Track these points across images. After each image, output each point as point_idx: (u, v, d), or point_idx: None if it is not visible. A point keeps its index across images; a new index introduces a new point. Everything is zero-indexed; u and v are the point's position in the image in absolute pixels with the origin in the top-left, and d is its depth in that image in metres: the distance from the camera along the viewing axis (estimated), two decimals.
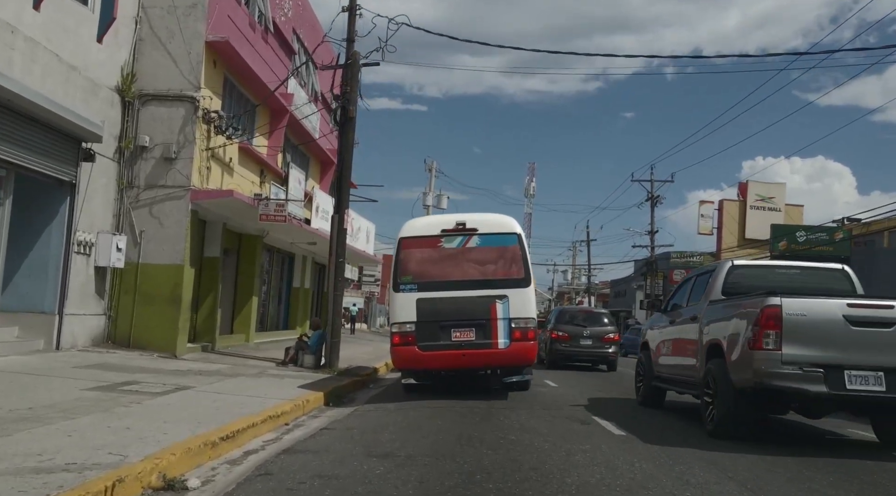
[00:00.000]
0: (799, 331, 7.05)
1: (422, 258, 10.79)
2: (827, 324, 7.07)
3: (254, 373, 12.67)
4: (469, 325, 10.51)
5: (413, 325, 10.53)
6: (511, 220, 11.11)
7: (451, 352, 10.47)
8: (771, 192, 48.08)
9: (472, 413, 9.00)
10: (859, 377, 6.99)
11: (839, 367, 6.98)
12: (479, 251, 10.80)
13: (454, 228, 10.84)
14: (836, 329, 7.05)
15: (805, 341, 7.05)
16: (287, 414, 8.58)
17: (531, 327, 10.59)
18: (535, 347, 10.73)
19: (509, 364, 10.83)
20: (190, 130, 14.81)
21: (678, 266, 51.48)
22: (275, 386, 11.01)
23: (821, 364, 6.99)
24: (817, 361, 7.00)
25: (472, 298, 10.57)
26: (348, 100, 14.88)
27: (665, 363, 10.25)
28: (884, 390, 6.92)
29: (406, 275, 10.74)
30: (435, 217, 11.26)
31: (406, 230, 10.99)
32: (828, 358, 7.00)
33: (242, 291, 19.55)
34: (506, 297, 10.55)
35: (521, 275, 10.69)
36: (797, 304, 7.15)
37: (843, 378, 6.97)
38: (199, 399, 8.78)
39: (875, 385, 6.94)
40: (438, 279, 10.68)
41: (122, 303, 14.68)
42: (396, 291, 10.73)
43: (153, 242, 14.79)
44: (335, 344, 14.60)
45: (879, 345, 7.02)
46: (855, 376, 6.98)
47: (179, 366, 12.77)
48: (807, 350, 7.03)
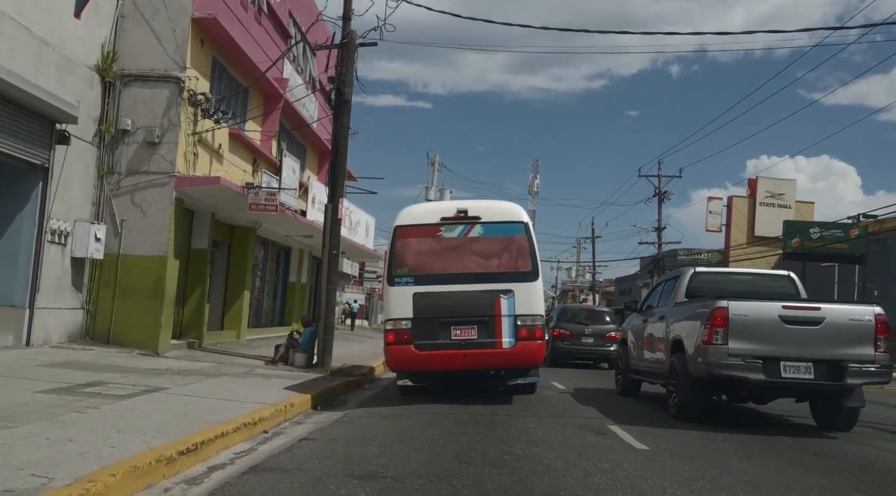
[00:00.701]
0: (742, 328, 8.25)
1: (419, 248, 9.86)
2: (765, 322, 8.26)
3: (239, 373, 11.76)
4: (471, 323, 9.58)
5: (409, 322, 9.61)
6: (517, 208, 10.16)
7: (450, 352, 9.54)
8: (781, 188, 47.01)
9: (473, 421, 8.06)
10: (792, 367, 8.23)
11: (776, 359, 8.20)
12: (482, 241, 9.86)
13: (455, 216, 9.90)
14: (773, 327, 8.24)
15: (747, 337, 8.24)
16: (266, 420, 7.66)
17: (539, 325, 9.65)
18: (543, 347, 9.80)
19: (515, 365, 9.90)
20: (174, 113, 13.89)
21: (685, 264, 50.52)
22: (259, 387, 10.10)
23: (760, 356, 8.19)
24: (757, 354, 8.20)
25: (474, 293, 9.64)
26: (343, 81, 13.96)
27: (639, 357, 11.40)
28: (812, 378, 8.21)
29: (402, 268, 9.80)
30: (434, 204, 10.35)
31: (402, 218, 10.06)
32: (766, 351, 8.21)
33: (234, 286, 18.64)
34: (511, 292, 9.62)
35: (529, 268, 9.75)
36: (741, 306, 8.34)
37: (779, 368, 8.21)
38: (168, 403, 7.86)
39: (806, 374, 8.22)
40: (437, 272, 9.75)
41: (102, 297, 13.77)
42: (391, 285, 9.80)
43: (135, 232, 13.88)
44: (328, 341, 13.68)
45: (809, 340, 8.24)
46: (789, 366, 8.23)
47: (158, 364, 11.86)
48: (749, 344, 8.23)
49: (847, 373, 8.15)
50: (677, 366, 9.13)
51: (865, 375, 8.22)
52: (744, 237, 46.70)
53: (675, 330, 9.58)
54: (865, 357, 8.21)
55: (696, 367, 8.65)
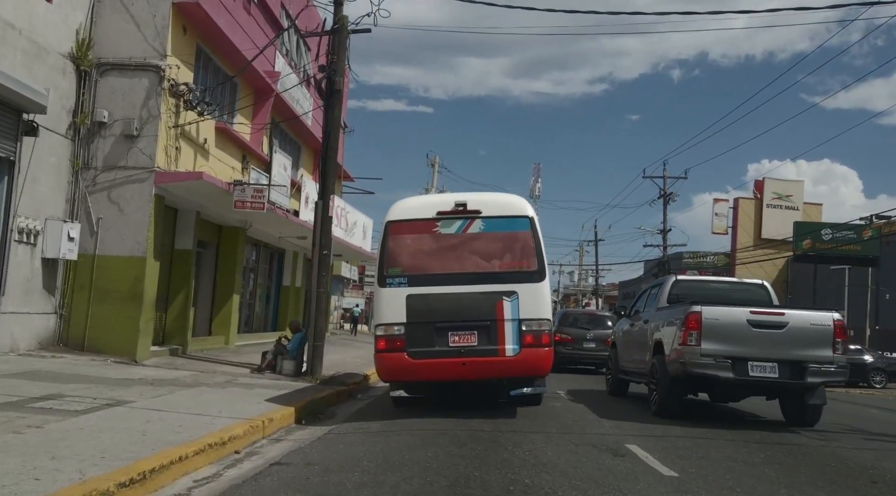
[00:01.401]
0: (714, 331, 9.01)
1: (413, 246, 8.96)
2: (734, 326, 9.03)
3: (219, 383, 10.85)
4: (470, 328, 8.67)
5: (402, 327, 8.69)
6: (521, 201, 9.25)
7: (447, 361, 8.62)
8: (788, 189, 46.06)
9: (473, 439, 7.14)
10: (759, 366, 8.98)
11: (744, 359, 8.96)
12: (483, 238, 8.95)
13: (453, 210, 8.98)
14: (742, 330, 9.01)
15: (718, 339, 9.00)
16: (238, 440, 6.75)
17: (546, 330, 8.73)
18: (551, 355, 8.87)
19: (519, 375, 8.97)
20: (154, 104, 13.00)
21: (691, 267, 49.57)
22: (238, 399, 9.19)
23: (729, 356, 8.97)
24: (727, 354, 8.97)
25: (474, 295, 8.73)
26: (335, 70, 13.08)
27: (627, 359, 12.05)
28: (777, 377, 8.98)
29: (394, 267, 8.89)
30: (430, 197, 9.44)
31: (394, 212, 9.15)
32: (735, 351, 8.97)
33: (222, 289, 17.72)
34: (515, 294, 8.70)
35: (534, 268, 8.83)
36: (713, 311, 9.12)
37: (747, 367, 8.97)
38: (127, 420, 6.94)
39: (771, 373, 8.98)
40: (433, 271, 8.84)
41: (76, 301, 12.86)
42: (382, 286, 8.89)
43: (112, 231, 12.98)
44: (318, 348, 12.77)
45: (774, 342, 8.98)
46: (756, 366, 8.98)
47: (132, 373, 10.95)
48: (719, 345, 9.00)
49: (808, 372, 8.95)
50: (657, 366, 9.86)
51: (824, 374, 9.04)
52: (750, 239, 45.78)
53: (657, 333, 10.25)
54: (824, 358, 9.00)
55: (673, 367, 9.39)
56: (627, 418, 9.47)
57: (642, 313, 11.63)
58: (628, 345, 12.01)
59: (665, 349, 9.68)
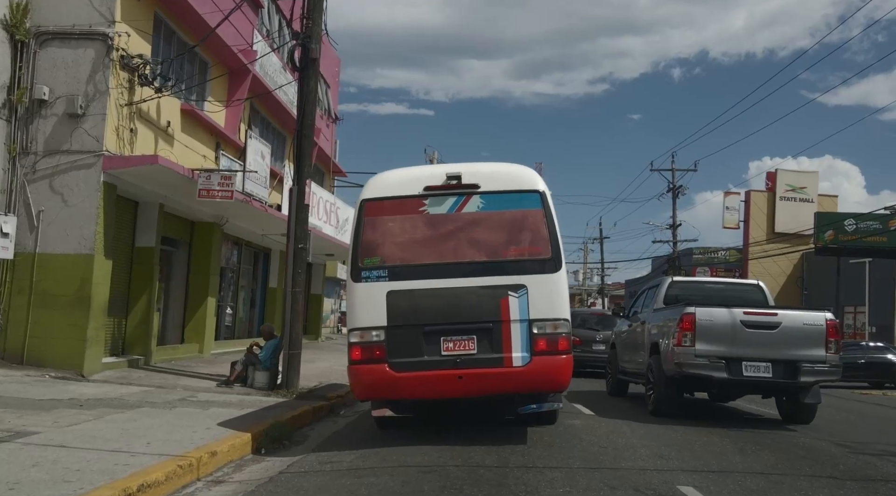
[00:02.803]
0: (708, 332, 9.08)
1: (395, 230, 7.19)
2: (728, 327, 9.09)
3: (171, 401, 9.10)
4: (468, 332, 6.92)
5: (382, 333, 6.93)
6: (529, 172, 7.45)
7: (440, 374, 6.87)
8: (802, 181, 44.11)
9: (472, 479, 5.38)
10: (753, 366, 9.02)
11: (738, 359, 9.02)
12: (483, 219, 7.18)
13: (444, 185, 7.20)
14: (736, 330, 9.08)
15: (712, 340, 9.08)
16: (152, 489, 4.99)
17: (563, 333, 6.96)
18: (570, 364, 7.09)
19: (530, 389, 7.21)
20: (101, 78, 11.27)
21: (701, 263, 47.76)
22: (184, 423, 7.45)
23: (724, 357, 9.04)
24: (721, 355, 9.05)
25: (472, 290, 6.98)
26: (310, 36, 11.32)
27: (625, 359, 12.07)
28: (770, 376, 9.03)
29: (371, 256, 7.12)
30: (415, 169, 7.65)
31: (371, 188, 7.39)
32: (729, 352, 9.04)
33: (195, 292, 15.96)
34: (523, 288, 6.95)
35: (548, 255, 7.07)
36: (707, 312, 9.20)
37: (741, 367, 9.02)
38: (10, 461, 5.19)
39: (765, 372, 9.03)
40: (420, 261, 7.09)
41: (14, 306, 11.14)
42: (356, 281, 7.11)
43: (55, 225, 11.25)
44: (294, 357, 11.02)
45: (767, 342, 9.04)
46: (749, 366, 9.02)
47: (67, 392, 9.20)
48: (713, 346, 9.08)
49: (801, 371, 8.99)
50: (654, 366, 9.93)
51: (817, 374, 9.07)
52: (763, 233, 43.88)
53: (653, 333, 10.34)
54: (817, 357, 9.04)
55: (668, 367, 9.48)
56: (668, 440, 7.68)
57: (640, 314, 11.66)
58: (627, 346, 12.06)
59: (661, 350, 9.77)
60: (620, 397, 12.41)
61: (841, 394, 16.17)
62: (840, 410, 12.68)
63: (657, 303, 11.05)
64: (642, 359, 10.75)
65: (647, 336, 10.69)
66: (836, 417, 11.36)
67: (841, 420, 11.15)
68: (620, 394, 12.58)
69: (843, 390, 17.55)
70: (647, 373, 10.36)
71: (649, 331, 10.62)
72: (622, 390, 12.65)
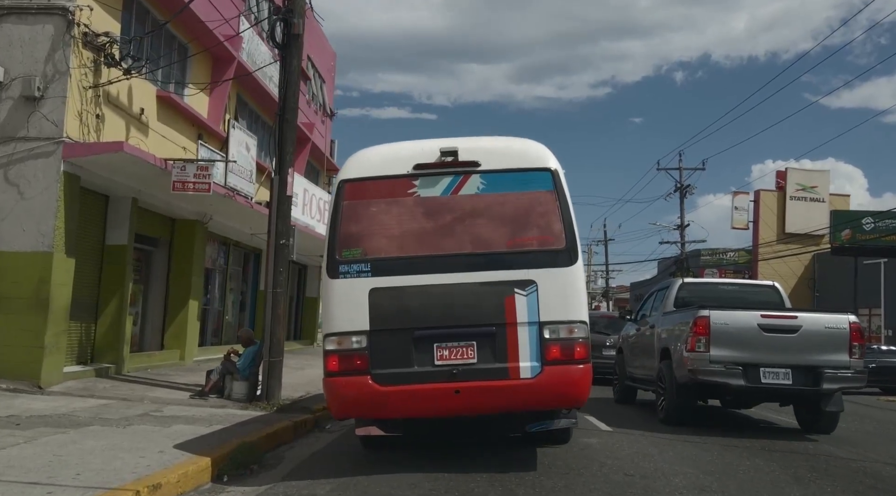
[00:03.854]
0: (723, 336, 8.73)
1: (379, 216, 6.08)
2: (745, 331, 8.73)
3: (129, 417, 7.99)
4: (466, 337, 5.81)
5: (363, 338, 5.82)
6: (539, 148, 6.31)
7: (433, 388, 5.75)
8: (813, 180, 42.92)
9: None
10: (772, 373, 8.65)
11: (756, 365, 8.64)
12: (484, 202, 6.07)
13: (437, 163, 6.09)
14: (753, 335, 8.70)
15: (728, 344, 8.71)
16: None
17: (581, 338, 5.85)
18: (589, 375, 5.97)
19: (541, 406, 6.09)
20: (61, 58, 10.18)
21: (709, 265, 46.56)
22: (136, 445, 6.36)
23: (740, 362, 8.66)
24: (738, 360, 8.67)
25: (471, 288, 5.87)
26: (292, 10, 10.24)
27: (634, 365, 11.57)
28: (790, 383, 8.63)
29: (351, 248, 6.01)
30: (403, 144, 6.52)
31: (351, 168, 6.27)
32: (746, 358, 8.66)
33: (176, 294, 14.85)
34: (533, 285, 5.84)
35: (561, 244, 5.95)
36: (722, 316, 8.83)
37: (759, 374, 8.64)
38: None
39: (784, 379, 8.65)
40: (410, 254, 5.98)
41: None
42: (333, 277, 5.99)
43: (10, 220, 10.15)
44: (275, 365, 9.92)
45: (787, 347, 8.66)
46: (768, 372, 8.65)
47: (8, 408, 8.10)
48: (729, 351, 8.71)
49: (823, 378, 8.46)
50: (665, 372, 9.52)
51: (841, 380, 8.52)
52: (773, 234, 42.71)
53: (664, 338, 9.93)
54: (840, 363, 8.52)
55: (681, 374, 9.03)
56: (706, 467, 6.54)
57: (649, 317, 11.24)
58: (635, 350, 11.61)
59: (672, 355, 9.35)
60: (630, 405, 11.83)
61: (859, 400, 14.94)
62: (865, 419, 11.51)
63: (667, 306, 10.58)
64: (652, 365, 10.32)
65: (656, 340, 10.24)
66: (864, 428, 10.24)
67: (874, 432, 10.00)
68: (629, 401, 12.07)
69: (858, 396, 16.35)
70: (657, 379, 9.92)
71: (659, 336, 10.19)
72: (630, 397, 12.16)
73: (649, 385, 10.69)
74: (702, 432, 8.80)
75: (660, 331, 10.31)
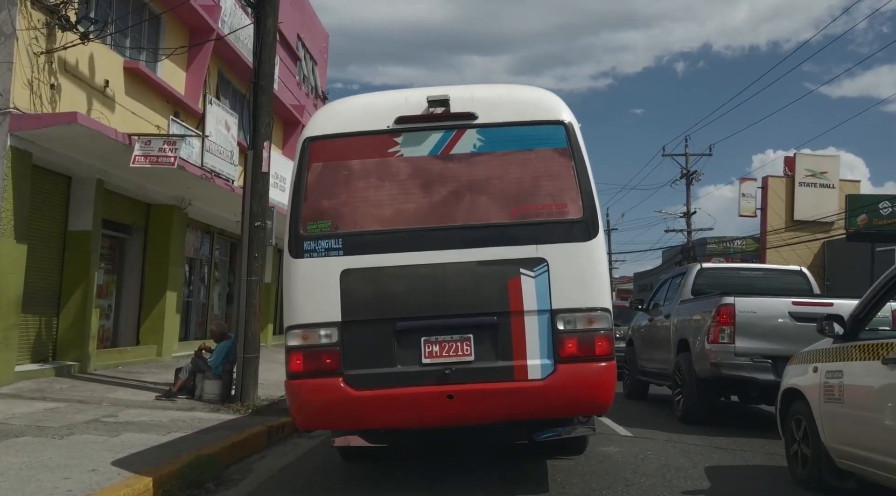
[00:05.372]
0: (750, 326, 7.92)
1: (353, 182, 4.96)
2: (774, 320, 7.93)
3: (77, 423, 6.94)
4: (461, 329, 4.71)
5: (334, 332, 4.72)
6: (548, 97, 5.16)
7: (420, 392, 4.65)
8: (823, 165, 41.67)
9: None
10: None
11: (787, 358, 7.05)
12: (482, 163, 4.95)
13: (425, 115, 4.96)
14: (783, 324, 7.87)
15: (755, 335, 7.90)
16: None
17: (602, 330, 4.74)
18: (613, 374, 4.85)
19: (553, 413, 4.99)
20: (6, 19, 9.07)
21: (716, 253, 45.43)
22: (65, 461, 5.31)
23: (769, 355, 7.74)
24: (766, 353, 7.80)
25: (466, 268, 4.76)
26: None
27: (646, 358, 10.86)
28: None
29: (318, 221, 4.89)
30: (383, 95, 5.39)
31: (318, 123, 5.14)
32: (776, 350, 7.66)
33: (153, 285, 13.78)
34: (543, 264, 4.74)
35: (578, 214, 4.84)
36: (748, 303, 8.02)
37: None
38: None
39: None
40: (391, 226, 4.87)
41: None
42: (296, 256, 4.88)
43: None
44: (250, 362, 8.86)
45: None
46: None
47: None
48: (757, 343, 7.88)
49: None
50: (683, 366, 8.85)
51: None
52: (782, 221, 41.58)
53: (681, 328, 9.25)
54: None
55: (701, 367, 8.34)
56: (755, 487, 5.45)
57: (662, 307, 10.52)
58: (648, 342, 10.92)
59: (691, 347, 8.64)
60: (642, 401, 11.10)
61: None
62: None
63: (684, 294, 9.78)
64: (667, 358, 9.64)
65: (672, 331, 9.52)
66: None
67: None
68: (640, 396, 11.36)
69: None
70: (673, 374, 9.19)
71: (676, 326, 9.46)
72: (642, 392, 11.43)
73: (664, 379, 9.99)
74: (729, 432, 7.78)
75: (676, 320, 9.54)
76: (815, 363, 5.27)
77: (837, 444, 4.82)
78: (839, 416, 4.81)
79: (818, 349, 5.39)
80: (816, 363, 5.26)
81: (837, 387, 4.83)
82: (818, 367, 5.19)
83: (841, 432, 4.80)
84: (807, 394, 5.27)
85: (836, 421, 4.85)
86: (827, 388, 4.96)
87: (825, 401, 4.97)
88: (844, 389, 4.76)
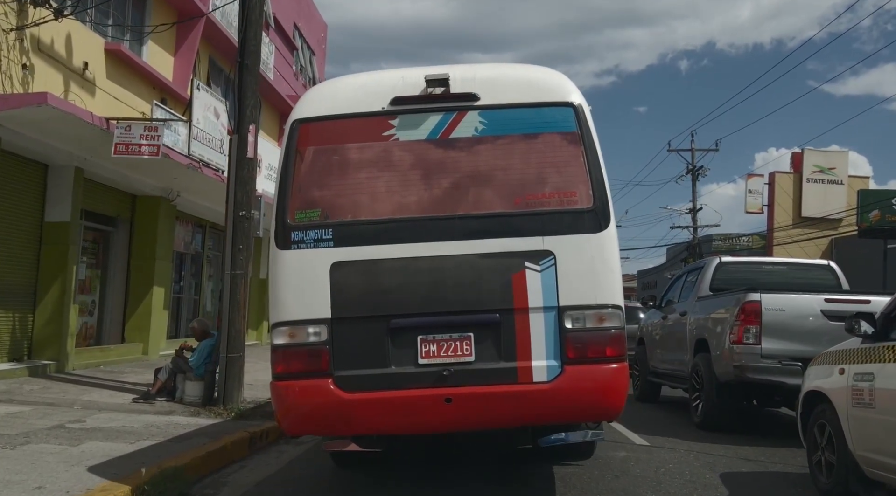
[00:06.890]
0: (778, 325, 7.29)
1: (345, 168, 4.41)
2: (805, 319, 7.30)
3: (38, 430, 6.34)
4: (460, 327, 4.15)
5: (323, 329, 4.18)
6: (556, 77, 4.61)
7: (416, 395, 4.10)
8: (831, 161, 41.03)
9: None
10: None
11: None
12: (484, 147, 4.37)
13: (423, 95, 4.37)
14: (814, 323, 7.23)
15: (784, 335, 7.28)
16: None
17: (613, 329, 4.17)
18: (625, 377, 4.29)
19: (560, 418, 4.40)
20: None
21: (722, 251, 44.86)
22: (14, 475, 4.75)
23: (799, 357, 7.03)
24: (796, 355, 7.11)
25: (467, 261, 4.20)
26: None
27: (658, 358, 10.36)
28: None
29: (307, 209, 4.32)
30: (379, 74, 4.81)
31: (309, 104, 4.56)
32: (806, 351, 6.91)
33: (139, 281, 13.17)
34: (550, 257, 4.16)
35: (588, 203, 4.26)
36: (776, 300, 7.38)
37: None
38: None
39: None
40: (385, 216, 4.30)
41: None
42: (283, 247, 4.31)
43: None
44: (234, 362, 8.25)
45: None
46: None
47: None
48: (786, 344, 7.26)
49: None
50: (701, 368, 8.23)
51: None
52: (789, 218, 40.98)
53: (699, 328, 8.66)
54: None
55: (723, 370, 7.72)
56: None
57: (676, 304, 9.90)
58: (660, 342, 10.34)
59: (711, 348, 8.05)
60: (654, 404, 10.51)
61: None
62: None
63: (702, 290, 9.13)
64: (682, 359, 9.09)
65: (689, 330, 8.96)
66: None
67: None
68: (651, 399, 10.77)
69: None
70: (690, 376, 8.63)
71: (692, 325, 8.87)
72: (654, 394, 10.85)
73: (679, 382, 9.43)
74: (754, 440, 7.17)
75: (693, 319, 8.93)
76: (842, 364, 4.76)
77: (866, 452, 4.36)
78: (869, 422, 4.33)
79: (845, 349, 4.86)
80: (843, 364, 4.74)
81: (868, 391, 4.32)
82: (845, 369, 4.68)
83: (871, 439, 4.33)
84: (832, 397, 4.78)
85: (865, 427, 4.37)
86: (855, 392, 4.46)
87: (853, 406, 4.48)
88: (876, 393, 4.25)
